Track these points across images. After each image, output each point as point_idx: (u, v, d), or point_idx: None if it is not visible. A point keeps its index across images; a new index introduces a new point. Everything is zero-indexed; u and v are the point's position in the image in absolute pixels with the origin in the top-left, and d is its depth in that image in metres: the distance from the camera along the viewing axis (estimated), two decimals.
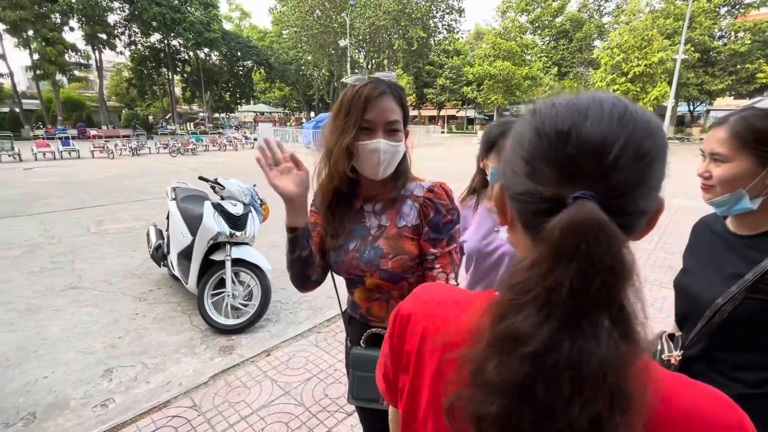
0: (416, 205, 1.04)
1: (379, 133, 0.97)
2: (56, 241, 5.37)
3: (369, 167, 0.99)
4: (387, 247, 1.02)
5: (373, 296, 1.08)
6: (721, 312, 0.87)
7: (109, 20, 31.30)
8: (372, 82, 0.97)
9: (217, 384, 2.46)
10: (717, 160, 0.89)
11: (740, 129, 0.85)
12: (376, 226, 1.06)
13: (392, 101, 0.97)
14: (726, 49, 26.65)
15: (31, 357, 2.76)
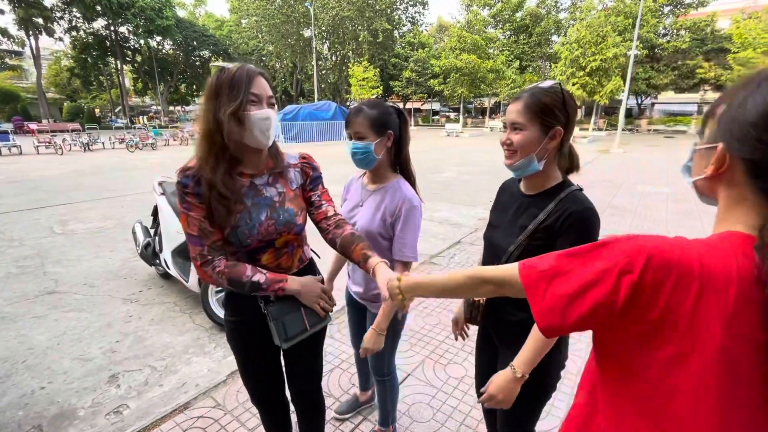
0: (297, 170, 1.29)
1: (264, 104, 1.12)
2: (17, 244, 4.90)
3: (259, 135, 1.12)
4: (295, 207, 1.25)
5: (281, 252, 1.27)
6: (511, 257, 1.10)
7: (45, 2, 28.54)
8: (247, 64, 1.13)
9: (237, 382, 2.38)
10: (516, 129, 1.08)
11: (530, 103, 1.04)
12: (276, 194, 1.23)
13: (267, 83, 1.15)
14: (669, 46, 28.76)
15: (20, 368, 2.52)
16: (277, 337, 1.23)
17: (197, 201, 1.13)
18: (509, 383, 1.06)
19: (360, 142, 1.40)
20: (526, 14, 35.54)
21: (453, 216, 6.28)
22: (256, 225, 1.17)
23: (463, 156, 15.12)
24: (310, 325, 1.28)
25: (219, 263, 1.15)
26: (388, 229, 1.45)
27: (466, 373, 2.45)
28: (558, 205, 1.07)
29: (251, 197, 1.19)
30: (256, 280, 1.16)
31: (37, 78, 30.97)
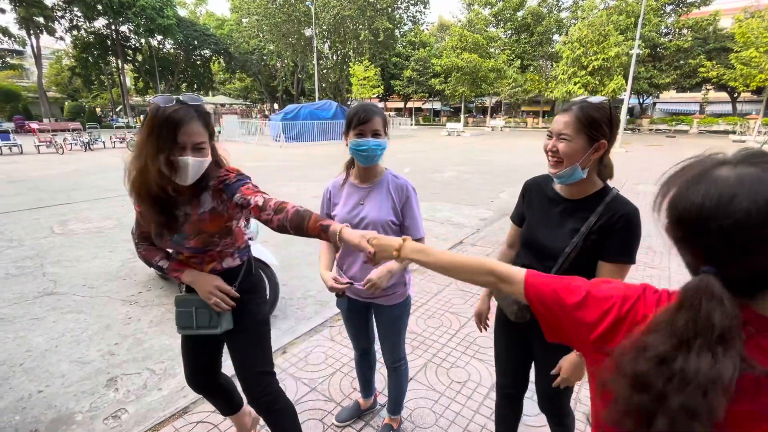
0: (209, 193, 1.35)
1: (188, 151, 1.20)
2: (16, 244, 4.88)
3: (179, 178, 1.24)
4: (189, 230, 1.35)
5: (190, 261, 1.44)
6: (568, 258, 1.20)
7: (46, 2, 28.50)
8: (182, 106, 1.19)
9: (238, 386, 2.34)
10: (563, 139, 1.15)
11: (580, 116, 1.12)
12: (182, 214, 1.35)
13: (199, 125, 1.22)
14: (672, 45, 28.64)
15: (17, 371, 2.49)
16: (176, 322, 1.46)
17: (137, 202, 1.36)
18: (577, 364, 1.22)
19: (377, 139, 1.48)
20: (528, 13, 35.44)
21: (455, 216, 6.25)
22: (159, 240, 1.39)
23: (465, 156, 15.07)
24: (197, 324, 1.43)
25: (142, 247, 1.47)
26: (398, 214, 1.57)
27: (468, 377, 2.42)
28: (606, 208, 1.17)
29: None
30: (160, 265, 1.43)
31: (38, 77, 30.96)
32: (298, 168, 11.34)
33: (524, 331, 1.40)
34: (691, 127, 29.93)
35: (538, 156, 15.31)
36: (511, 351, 1.51)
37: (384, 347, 1.81)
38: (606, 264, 1.18)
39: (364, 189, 1.58)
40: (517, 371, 1.53)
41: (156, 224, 1.34)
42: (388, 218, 1.54)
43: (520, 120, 39.50)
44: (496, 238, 5.11)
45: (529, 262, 1.35)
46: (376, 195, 1.57)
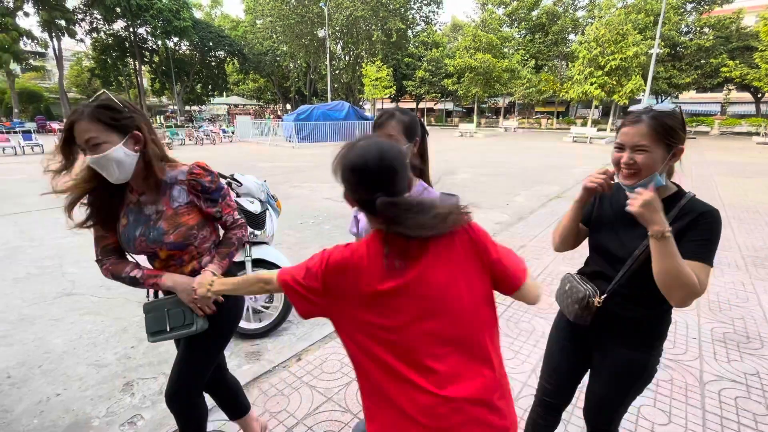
0: (184, 188, 1.36)
1: (87, 151, 1.21)
2: (37, 244, 4.97)
3: (109, 178, 1.25)
4: (167, 225, 1.33)
5: (168, 263, 1.40)
6: (638, 260, 1.19)
7: (67, 5, 29.25)
8: (75, 110, 1.21)
9: (251, 393, 2.32)
10: (639, 151, 1.13)
11: (655, 126, 1.11)
12: (154, 212, 1.34)
13: (87, 123, 1.18)
14: (692, 44, 27.88)
15: (36, 373, 2.51)
16: (146, 329, 1.42)
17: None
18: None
19: None
20: (543, 12, 34.94)
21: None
22: (131, 239, 1.34)
23: (479, 157, 14.90)
24: (170, 326, 1.39)
25: (107, 262, 1.37)
26: None
27: None
28: (682, 210, 1.16)
29: (135, 213, 1.35)
30: (133, 275, 1.35)
31: (59, 78, 31.80)
32: (311, 169, 11.35)
33: (584, 335, 1.38)
34: (712, 128, 29.10)
35: (553, 158, 15.09)
36: (564, 355, 1.47)
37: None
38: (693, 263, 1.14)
39: None
40: (566, 379, 1.47)
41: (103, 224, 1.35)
42: None
43: (534, 121, 38.97)
44: (513, 243, 5.00)
45: (599, 267, 1.33)
46: None
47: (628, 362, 1.28)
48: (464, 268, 0.92)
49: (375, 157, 0.87)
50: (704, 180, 9.61)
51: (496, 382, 0.91)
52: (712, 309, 3.30)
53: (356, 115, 22.45)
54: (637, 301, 1.24)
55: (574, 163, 13.04)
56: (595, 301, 1.27)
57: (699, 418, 2.11)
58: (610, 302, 1.27)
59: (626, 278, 1.23)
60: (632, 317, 1.26)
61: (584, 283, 1.32)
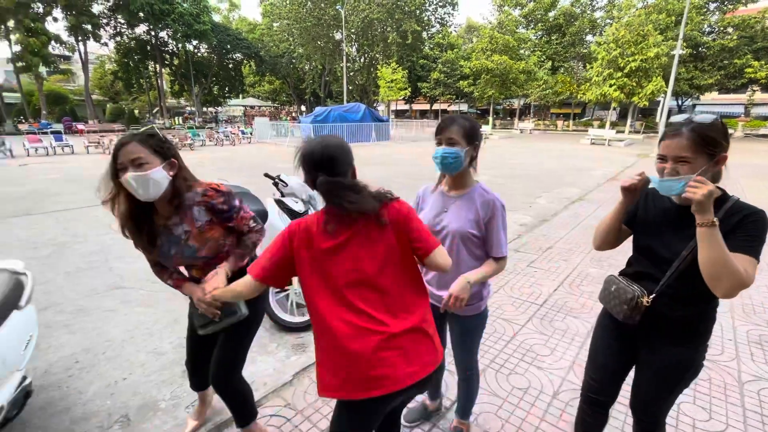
0: (202, 208, 1.55)
1: (129, 169, 1.38)
2: (82, 239, 5.23)
3: (136, 194, 1.42)
4: (197, 243, 1.55)
5: (206, 270, 1.62)
6: (686, 260, 1.23)
7: (93, 10, 30.23)
8: (124, 135, 1.43)
9: (302, 382, 2.46)
10: (683, 162, 1.17)
11: (696, 138, 1.15)
12: (182, 232, 1.54)
13: (136, 145, 1.39)
14: (715, 44, 27.25)
15: (101, 359, 2.70)
16: (194, 323, 1.69)
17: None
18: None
19: (451, 147, 1.51)
20: (560, 13, 34.60)
21: None
22: (168, 258, 1.57)
23: (496, 159, 14.88)
24: (197, 325, 1.67)
25: (155, 270, 1.68)
26: (481, 229, 1.58)
27: (529, 384, 2.43)
28: (728, 213, 1.20)
29: (166, 235, 1.54)
30: (169, 283, 1.66)
31: (84, 81, 32.85)
32: None
33: (631, 333, 1.44)
34: (735, 130, 28.37)
35: (571, 160, 14.95)
36: (609, 354, 1.52)
37: (456, 356, 1.85)
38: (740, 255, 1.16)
39: (451, 198, 1.62)
40: (612, 376, 1.54)
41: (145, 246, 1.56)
42: (467, 229, 1.56)
43: (550, 122, 38.57)
44: (539, 244, 5.06)
45: (643, 268, 1.38)
46: (460, 205, 1.60)
47: (677, 359, 1.33)
48: (386, 237, 1.22)
49: (319, 148, 1.22)
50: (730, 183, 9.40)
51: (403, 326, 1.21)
52: (746, 312, 3.32)
53: (372, 117, 22.63)
54: (684, 301, 1.28)
55: (594, 166, 12.93)
56: (643, 301, 1.31)
57: (740, 415, 2.16)
58: (658, 302, 1.31)
59: (674, 279, 1.27)
60: (680, 316, 1.30)
61: (630, 284, 1.36)
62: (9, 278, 1.97)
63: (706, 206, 1.10)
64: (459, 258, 1.59)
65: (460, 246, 1.58)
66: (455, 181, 1.61)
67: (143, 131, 1.44)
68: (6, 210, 6.68)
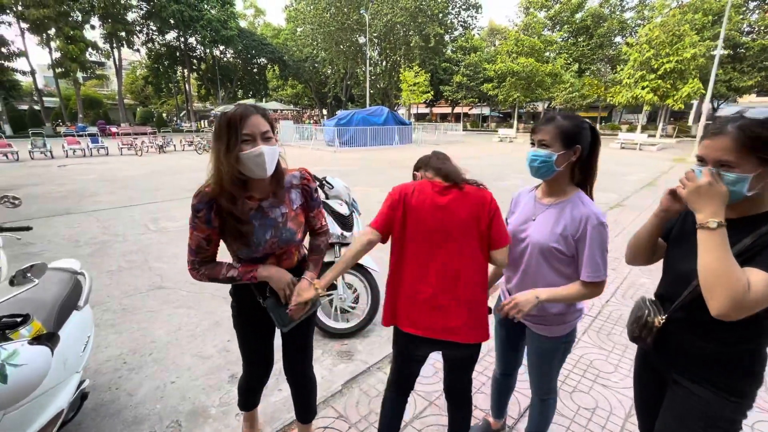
0: (299, 191, 1.51)
1: (259, 141, 1.28)
2: (121, 239, 5.32)
3: (257, 168, 1.30)
4: (294, 225, 1.48)
5: (282, 258, 1.53)
6: None
7: (128, 18, 31.48)
8: (240, 106, 1.30)
9: (353, 393, 2.36)
10: (724, 167, 0.97)
11: (743, 138, 0.94)
12: (280, 215, 1.45)
13: (260, 118, 1.30)
14: (756, 44, 25.96)
15: (148, 360, 2.68)
16: (277, 323, 1.53)
17: (203, 224, 1.36)
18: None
19: (542, 150, 1.37)
20: (588, 15, 33.78)
21: None
22: (262, 242, 1.42)
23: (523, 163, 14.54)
24: (283, 323, 1.54)
25: (203, 269, 1.43)
26: (569, 246, 1.39)
27: (596, 404, 2.25)
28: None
29: (259, 218, 1.41)
30: (230, 275, 1.43)
31: (117, 86, 34.24)
32: (357, 173, 11.51)
33: (655, 364, 1.26)
34: None
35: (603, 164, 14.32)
36: (640, 384, 1.38)
37: (531, 378, 1.69)
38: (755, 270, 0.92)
39: (542, 206, 1.48)
40: (645, 408, 1.36)
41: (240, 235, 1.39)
42: (550, 244, 1.39)
43: None
44: None
45: (665, 287, 1.22)
46: (549, 215, 1.43)
47: (700, 406, 1.08)
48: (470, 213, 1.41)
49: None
50: None
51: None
52: None
53: (395, 120, 22.58)
54: (701, 329, 1.07)
55: (628, 171, 12.44)
56: (654, 321, 1.15)
57: None
58: (673, 327, 1.13)
59: (688, 300, 1.08)
60: (700, 348, 1.09)
61: (649, 304, 1.21)
62: (69, 278, 1.96)
63: (699, 204, 0.96)
64: (538, 273, 1.45)
65: (540, 260, 1.43)
66: (549, 187, 1.48)
67: (254, 103, 1.41)
68: (48, 209, 6.91)
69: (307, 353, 1.76)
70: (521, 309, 1.35)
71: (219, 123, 1.29)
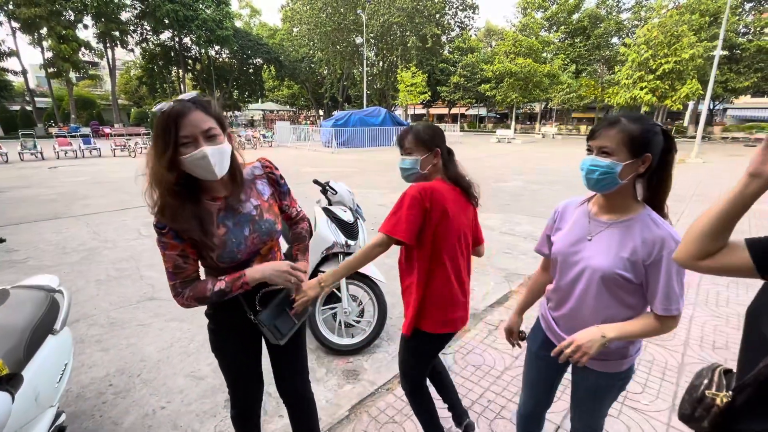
0: (264, 181, 1.40)
1: (201, 142, 1.11)
2: (111, 245, 5.09)
3: (205, 172, 1.14)
4: (271, 216, 1.36)
5: (267, 258, 1.38)
6: None
7: (122, 17, 31.08)
8: (177, 102, 1.11)
9: (361, 419, 2.15)
10: None
11: None
12: (252, 208, 1.31)
13: (201, 113, 1.12)
14: (752, 45, 26.06)
15: (137, 383, 2.46)
16: (272, 338, 1.35)
17: (173, 241, 1.20)
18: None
19: (603, 159, 1.13)
20: (585, 16, 33.81)
21: (537, 230, 5.82)
22: (242, 241, 1.28)
23: (524, 164, 14.42)
24: (297, 319, 1.42)
25: (187, 291, 1.24)
26: (638, 272, 1.15)
27: (629, 431, 2.06)
28: None
29: (231, 218, 1.27)
30: (218, 289, 1.24)
31: (111, 86, 33.78)
32: (355, 174, 11.30)
33: None
34: None
35: None
36: None
37: (576, 416, 1.45)
38: None
39: (601, 223, 1.23)
40: None
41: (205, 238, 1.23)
42: (616, 270, 1.15)
43: (573, 127, 37.65)
44: None
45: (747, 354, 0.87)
46: (611, 236, 1.19)
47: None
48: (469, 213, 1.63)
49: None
50: None
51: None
52: None
53: (393, 121, 22.41)
54: None
55: None
56: (716, 398, 0.83)
57: None
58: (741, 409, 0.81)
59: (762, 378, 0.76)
60: None
61: (716, 374, 0.89)
62: (44, 298, 1.74)
63: None
64: (598, 304, 1.21)
65: (602, 289, 1.19)
66: (608, 202, 1.22)
67: (195, 96, 1.16)
68: (36, 213, 6.65)
69: (304, 368, 1.63)
70: (586, 352, 1.12)
71: (156, 125, 1.12)
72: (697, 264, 0.89)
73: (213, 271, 1.31)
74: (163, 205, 1.15)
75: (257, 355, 1.51)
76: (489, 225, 5.99)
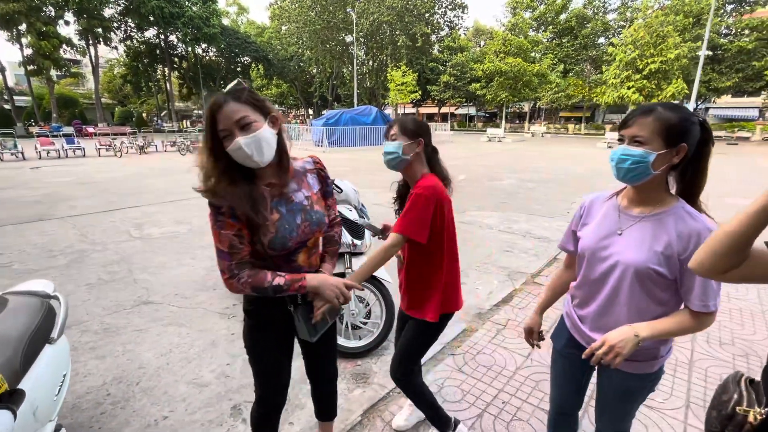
0: (315, 175, 1.42)
1: (236, 133, 1.15)
2: (100, 247, 4.90)
3: (246, 160, 1.18)
4: (321, 208, 1.39)
5: (312, 251, 1.41)
6: None
7: (104, 14, 30.31)
8: (216, 97, 1.17)
9: (375, 424, 2.08)
10: None
11: None
12: (304, 198, 1.34)
13: (234, 103, 1.15)
14: (734, 46, 26.73)
15: (136, 391, 2.34)
16: (306, 334, 1.37)
17: (230, 219, 1.20)
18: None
19: (635, 148, 1.08)
20: (572, 16, 34.26)
21: (534, 228, 5.82)
22: (294, 228, 1.30)
23: (516, 162, 14.50)
24: (330, 317, 1.41)
25: (243, 275, 1.22)
26: (673, 267, 1.10)
27: (647, 430, 2.04)
28: None
29: (284, 204, 1.30)
30: (276, 284, 1.24)
31: (94, 84, 32.92)
32: (348, 173, 11.21)
33: None
34: (753, 133, 27.76)
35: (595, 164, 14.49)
36: None
37: (605, 415, 1.38)
38: None
39: (632, 217, 1.18)
40: None
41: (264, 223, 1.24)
42: (650, 265, 1.11)
43: (561, 126, 38.14)
44: None
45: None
46: (644, 229, 1.15)
47: None
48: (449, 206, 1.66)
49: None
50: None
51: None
52: None
53: (384, 120, 22.34)
54: None
55: None
56: (748, 415, 0.80)
57: None
58: None
59: None
60: None
61: (744, 386, 0.88)
62: (40, 305, 1.62)
63: None
64: (630, 300, 1.16)
65: (634, 285, 1.14)
66: (639, 194, 1.17)
67: (231, 87, 1.19)
68: (19, 215, 6.39)
69: (335, 361, 1.71)
70: (619, 353, 1.06)
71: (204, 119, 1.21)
72: (719, 277, 0.84)
73: (259, 262, 1.29)
74: (218, 183, 1.18)
75: (290, 353, 1.55)
76: (488, 223, 5.97)
